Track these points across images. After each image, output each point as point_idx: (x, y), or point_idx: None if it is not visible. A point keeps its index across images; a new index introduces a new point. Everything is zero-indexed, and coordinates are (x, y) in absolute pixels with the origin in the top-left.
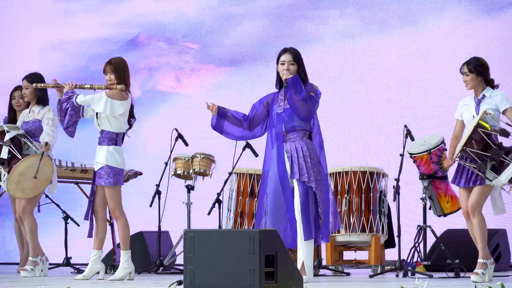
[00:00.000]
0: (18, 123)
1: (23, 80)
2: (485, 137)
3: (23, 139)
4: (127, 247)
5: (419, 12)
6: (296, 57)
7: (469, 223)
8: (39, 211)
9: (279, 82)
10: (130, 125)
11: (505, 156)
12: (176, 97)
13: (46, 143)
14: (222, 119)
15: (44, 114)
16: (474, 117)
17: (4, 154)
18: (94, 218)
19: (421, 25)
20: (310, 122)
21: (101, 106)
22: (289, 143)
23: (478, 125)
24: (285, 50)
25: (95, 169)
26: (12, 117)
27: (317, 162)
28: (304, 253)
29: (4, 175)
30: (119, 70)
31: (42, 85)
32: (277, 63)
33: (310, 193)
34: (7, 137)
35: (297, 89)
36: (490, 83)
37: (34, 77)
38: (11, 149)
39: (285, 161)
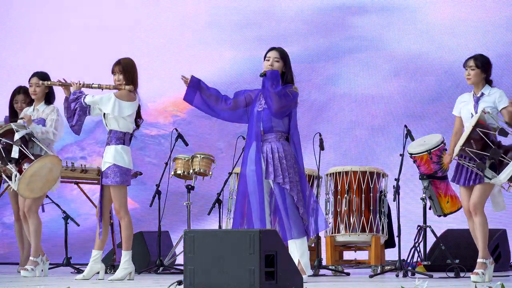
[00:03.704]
0: (20, 121)
1: (32, 77)
2: (483, 137)
3: (32, 138)
4: (129, 248)
5: (419, 7)
6: (283, 56)
7: (471, 222)
8: (43, 211)
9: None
10: (138, 125)
11: (504, 155)
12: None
13: (30, 118)
14: (195, 90)
15: (48, 114)
16: (472, 114)
17: (15, 154)
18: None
19: (420, 24)
20: (284, 122)
21: (110, 107)
22: (266, 143)
23: (477, 125)
24: (272, 48)
25: (103, 169)
26: (13, 116)
27: (294, 164)
28: (297, 252)
29: (16, 175)
30: (128, 71)
31: (50, 82)
32: (264, 60)
33: (287, 193)
34: (17, 136)
35: (274, 82)
36: (489, 82)
37: (44, 75)
38: (21, 148)
39: (261, 161)
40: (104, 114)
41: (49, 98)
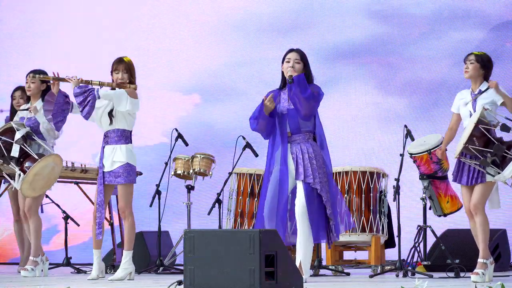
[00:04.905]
0: (16, 118)
1: (28, 74)
2: (486, 133)
3: (32, 136)
4: (131, 248)
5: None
6: (303, 57)
7: (472, 222)
8: (42, 211)
9: (283, 82)
10: None
11: (507, 151)
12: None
13: (35, 108)
14: (265, 121)
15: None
16: (470, 112)
17: (16, 153)
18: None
19: (416, 27)
20: (311, 121)
21: (125, 104)
22: (294, 144)
23: (478, 122)
24: (291, 50)
25: (111, 169)
26: (13, 116)
27: (322, 164)
28: (302, 253)
29: (20, 174)
30: (132, 70)
31: (44, 76)
32: (282, 62)
33: (315, 194)
34: (18, 135)
35: (302, 88)
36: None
37: (40, 71)
38: (23, 147)
39: (288, 163)
40: (110, 112)
41: (45, 95)
